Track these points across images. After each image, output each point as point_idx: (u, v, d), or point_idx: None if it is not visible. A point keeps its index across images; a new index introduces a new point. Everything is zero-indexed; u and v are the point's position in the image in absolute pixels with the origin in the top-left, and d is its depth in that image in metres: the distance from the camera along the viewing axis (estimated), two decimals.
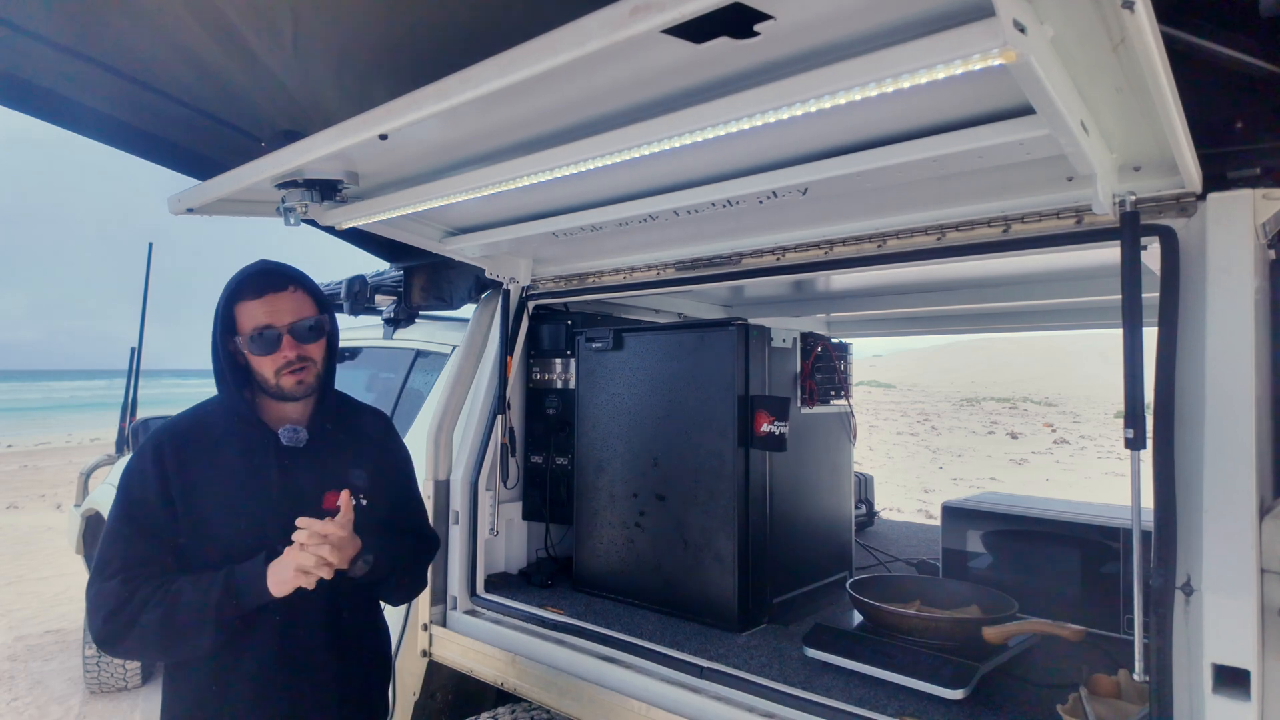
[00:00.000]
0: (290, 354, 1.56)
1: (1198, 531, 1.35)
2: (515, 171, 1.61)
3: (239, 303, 1.57)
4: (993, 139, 1.35)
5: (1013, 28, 0.92)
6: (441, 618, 2.57)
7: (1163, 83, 1.09)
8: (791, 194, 1.84)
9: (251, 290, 1.57)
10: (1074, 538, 2.25)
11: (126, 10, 1.68)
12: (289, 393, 1.59)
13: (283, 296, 1.58)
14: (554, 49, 1.05)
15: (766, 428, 2.22)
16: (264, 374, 1.58)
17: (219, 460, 1.57)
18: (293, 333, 1.57)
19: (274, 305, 1.57)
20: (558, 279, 2.68)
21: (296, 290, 1.60)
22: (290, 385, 1.58)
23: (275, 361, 1.56)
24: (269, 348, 1.55)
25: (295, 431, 1.61)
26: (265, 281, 1.58)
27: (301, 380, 1.59)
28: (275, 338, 1.55)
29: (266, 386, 1.59)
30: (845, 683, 1.83)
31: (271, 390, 1.59)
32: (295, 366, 1.58)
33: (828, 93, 1.15)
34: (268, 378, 1.58)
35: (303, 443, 1.62)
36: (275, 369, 1.57)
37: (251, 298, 1.56)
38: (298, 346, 1.58)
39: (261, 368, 1.57)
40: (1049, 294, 2.73)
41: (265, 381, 1.59)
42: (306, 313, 1.60)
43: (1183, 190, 1.44)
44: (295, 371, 1.58)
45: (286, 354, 1.56)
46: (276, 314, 1.56)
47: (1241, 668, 1.28)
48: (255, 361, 1.58)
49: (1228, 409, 1.36)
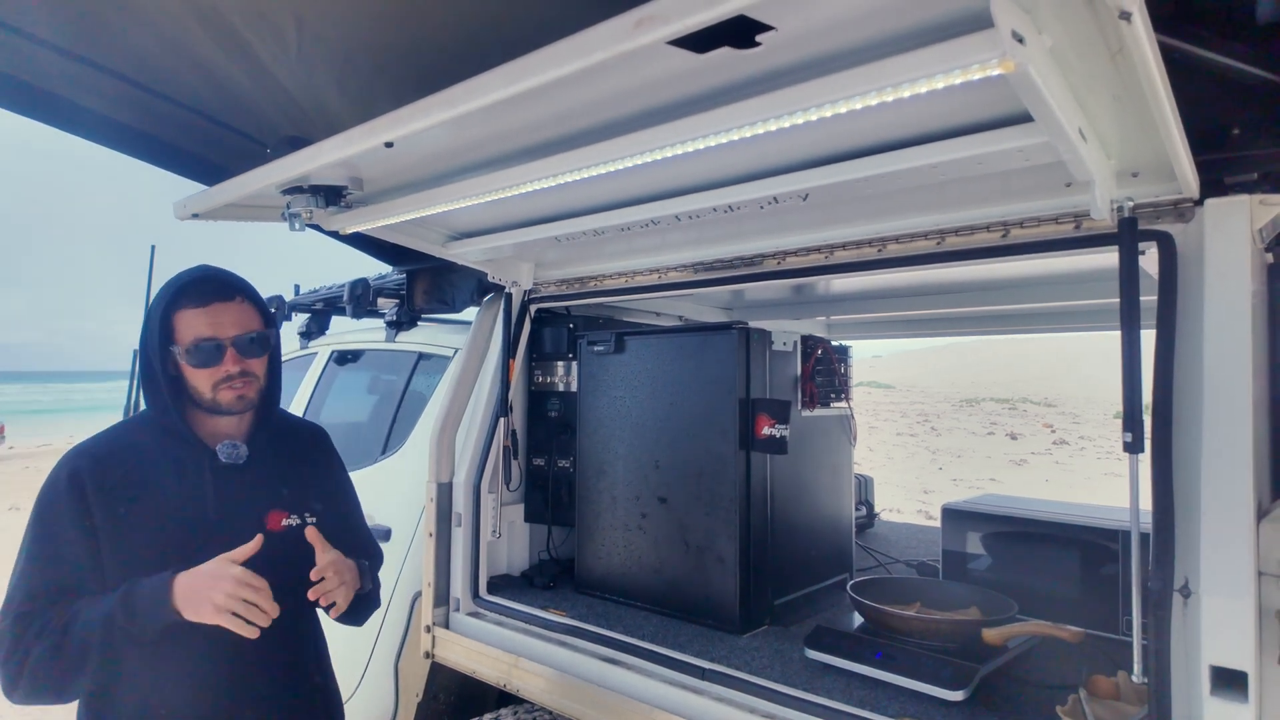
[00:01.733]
0: (233, 368, 1.47)
1: (1195, 534, 1.36)
2: (519, 178, 1.62)
3: (179, 310, 1.46)
4: (992, 146, 1.36)
5: (1011, 38, 0.94)
6: (444, 619, 2.59)
7: (1160, 91, 1.10)
8: (792, 199, 1.86)
9: (195, 298, 1.47)
10: (1073, 539, 2.26)
11: (133, 16, 1.69)
12: (226, 407, 1.49)
13: (229, 307, 1.49)
14: (559, 60, 1.06)
15: (767, 430, 2.24)
16: (199, 387, 1.48)
17: (148, 482, 1.45)
18: (236, 346, 1.48)
19: (218, 316, 1.47)
20: (560, 282, 2.70)
21: (243, 301, 1.51)
22: (229, 400, 1.49)
23: (214, 375, 1.47)
24: (209, 360, 1.46)
25: (234, 447, 1.52)
26: (210, 290, 1.48)
27: (242, 395, 1.50)
28: (217, 350, 1.46)
29: (200, 400, 1.49)
30: (846, 684, 1.84)
31: (206, 404, 1.49)
32: (236, 382, 1.48)
33: (828, 101, 1.16)
34: (203, 391, 1.48)
35: (242, 459, 1.52)
36: (213, 382, 1.47)
37: (194, 305, 1.46)
38: (241, 361, 1.48)
39: (197, 380, 1.47)
40: (1048, 297, 2.74)
41: (199, 395, 1.48)
42: (252, 325, 1.51)
43: (1180, 196, 1.46)
44: (235, 386, 1.49)
45: (229, 368, 1.47)
46: (220, 325, 1.47)
47: (1239, 669, 1.30)
48: (191, 374, 1.47)
49: (1225, 412, 1.37)
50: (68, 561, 1.39)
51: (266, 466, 1.58)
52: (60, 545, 1.39)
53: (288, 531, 1.55)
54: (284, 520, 1.56)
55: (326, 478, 1.73)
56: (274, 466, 1.59)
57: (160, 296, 1.49)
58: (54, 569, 1.39)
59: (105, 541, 1.40)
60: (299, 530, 1.53)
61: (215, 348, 1.47)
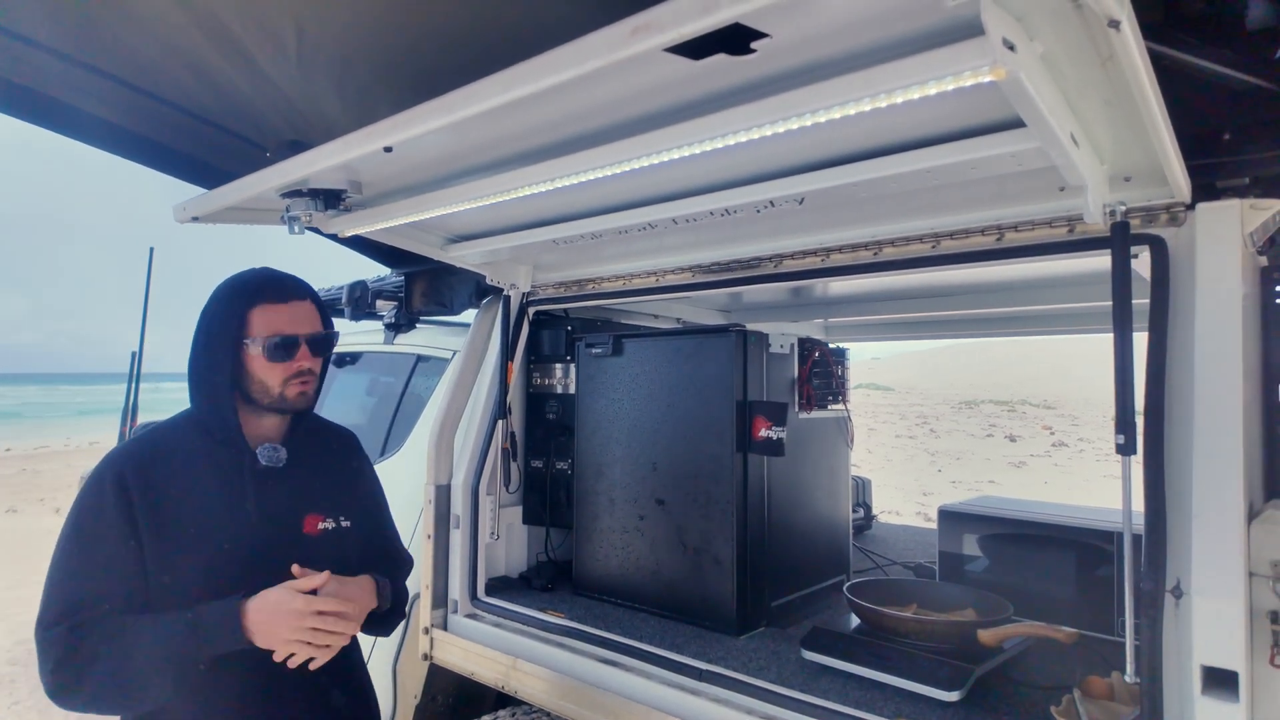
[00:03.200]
0: (305, 364, 1.53)
1: (1187, 535, 1.38)
2: (517, 182, 1.63)
3: (258, 305, 1.51)
4: (985, 151, 1.37)
5: (1002, 46, 0.95)
6: (442, 621, 2.59)
7: (1150, 97, 1.12)
8: (789, 203, 1.87)
9: (274, 295, 1.52)
10: (1068, 541, 2.28)
11: (132, 22, 1.70)
12: (290, 403, 1.53)
13: (303, 306, 1.55)
14: (556, 67, 1.08)
15: (764, 433, 2.25)
16: (268, 381, 1.51)
17: (189, 484, 1.46)
18: (309, 343, 1.54)
19: (295, 314, 1.53)
20: (558, 285, 2.71)
21: (311, 303, 1.58)
22: (294, 395, 1.53)
23: (287, 370, 1.51)
24: (285, 355, 1.50)
25: (275, 450, 1.54)
26: (287, 289, 1.54)
27: (304, 392, 1.55)
28: (293, 345, 1.51)
29: (266, 394, 1.52)
30: (843, 685, 1.85)
31: (270, 399, 1.52)
32: (306, 377, 1.54)
33: (823, 107, 1.17)
34: (272, 386, 1.51)
35: (282, 463, 1.54)
36: (285, 377, 1.51)
37: (274, 302, 1.52)
38: (310, 358, 1.54)
39: (268, 375, 1.51)
40: (1043, 300, 2.76)
41: (266, 390, 1.51)
42: (319, 326, 1.58)
43: (1172, 200, 1.47)
44: (303, 382, 1.54)
45: (301, 363, 1.52)
46: (297, 323, 1.53)
47: (1230, 669, 1.31)
48: (263, 368, 1.50)
49: (1217, 414, 1.39)
50: (115, 569, 1.37)
51: (302, 470, 1.59)
52: (106, 551, 1.37)
53: (324, 535, 1.57)
54: (320, 524, 1.57)
55: (359, 482, 1.74)
56: (309, 470, 1.61)
57: (234, 293, 1.52)
58: (102, 576, 1.37)
59: (149, 546, 1.39)
60: (334, 534, 1.57)
61: (293, 343, 1.51)
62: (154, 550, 1.39)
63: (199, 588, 1.39)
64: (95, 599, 1.35)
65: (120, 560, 1.37)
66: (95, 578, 1.37)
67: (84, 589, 1.36)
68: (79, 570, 1.37)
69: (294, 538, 1.52)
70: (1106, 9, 0.91)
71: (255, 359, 1.50)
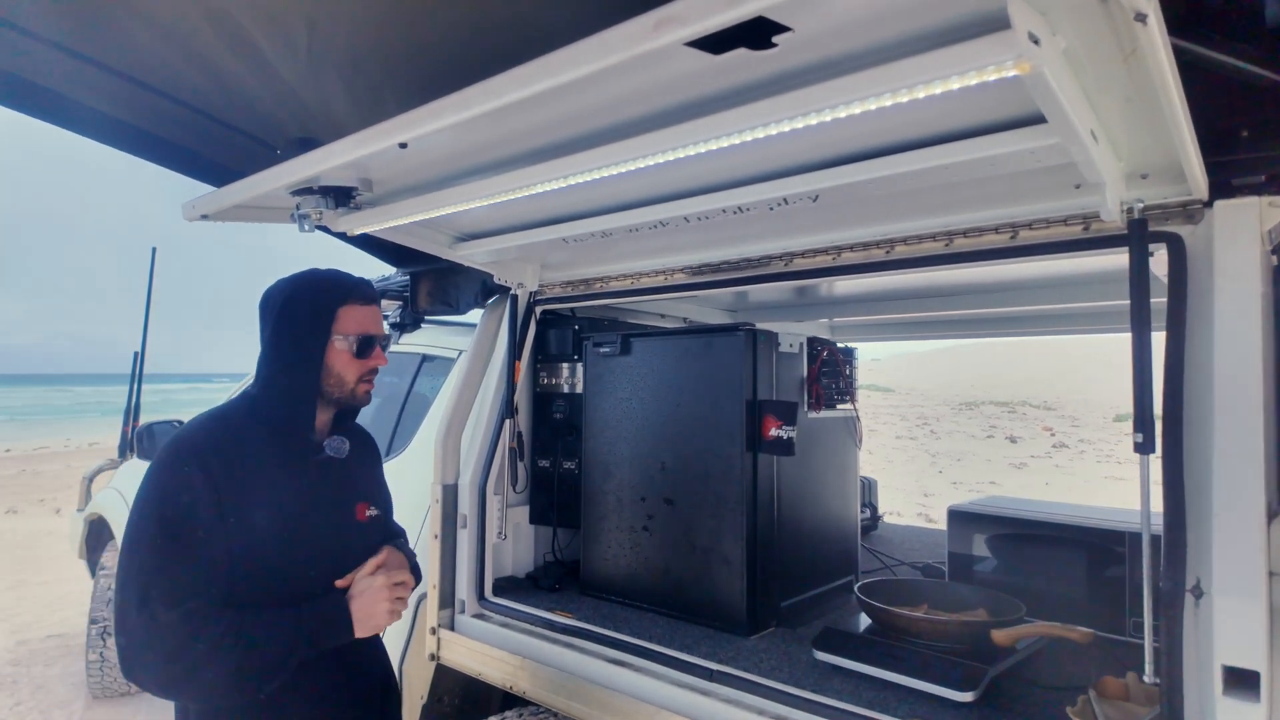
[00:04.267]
0: (380, 362, 1.64)
1: (1207, 535, 1.37)
2: (530, 179, 1.62)
3: (348, 304, 1.59)
4: (1003, 147, 1.36)
5: (1027, 40, 0.94)
6: (449, 621, 2.58)
7: (1172, 93, 1.11)
8: (802, 200, 1.86)
9: (361, 296, 1.62)
10: (1079, 541, 2.27)
11: (141, 17, 1.70)
12: (359, 399, 1.64)
13: (378, 310, 1.66)
14: (578, 61, 1.07)
15: (775, 432, 2.24)
16: (345, 376, 1.59)
17: (261, 470, 1.51)
18: (382, 345, 1.65)
19: (375, 316, 1.64)
20: (565, 284, 2.70)
21: (379, 308, 1.68)
22: (363, 391, 1.63)
23: (364, 367, 1.61)
24: (368, 352, 1.61)
25: (341, 442, 1.62)
26: (370, 292, 1.64)
27: (369, 389, 1.65)
28: (374, 344, 1.62)
29: (340, 389, 1.60)
30: (855, 686, 1.84)
31: (343, 393, 1.61)
32: (372, 376, 1.64)
33: (843, 102, 1.16)
34: (348, 381, 1.60)
35: (344, 454, 1.63)
36: (360, 374, 1.61)
37: (363, 303, 1.61)
38: (382, 357, 1.65)
39: (346, 370, 1.59)
40: (1056, 299, 2.75)
41: (342, 384, 1.60)
42: (384, 329, 1.68)
43: (1190, 198, 1.46)
44: (371, 379, 1.64)
45: (377, 362, 1.63)
46: (377, 324, 1.64)
47: (1251, 669, 1.30)
48: (344, 364, 1.59)
49: (1236, 413, 1.38)
50: (210, 552, 1.39)
51: (350, 461, 1.68)
52: (200, 534, 1.38)
53: (370, 521, 1.69)
54: (368, 511, 1.69)
55: (379, 474, 1.86)
56: (354, 461, 1.70)
57: (324, 291, 1.58)
58: (203, 561, 1.38)
59: (234, 520, 1.42)
60: (376, 521, 1.71)
61: (374, 342, 1.62)
62: (238, 533, 1.42)
63: (275, 570, 1.46)
64: (202, 584, 1.36)
65: (212, 543, 1.39)
66: (196, 562, 1.37)
67: (190, 574, 1.36)
68: (177, 554, 1.36)
69: (350, 523, 1.64)
70: (1134, 2, 0.90)
71: (340, 354, 1.59)
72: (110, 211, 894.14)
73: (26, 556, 8.13)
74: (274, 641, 1.38)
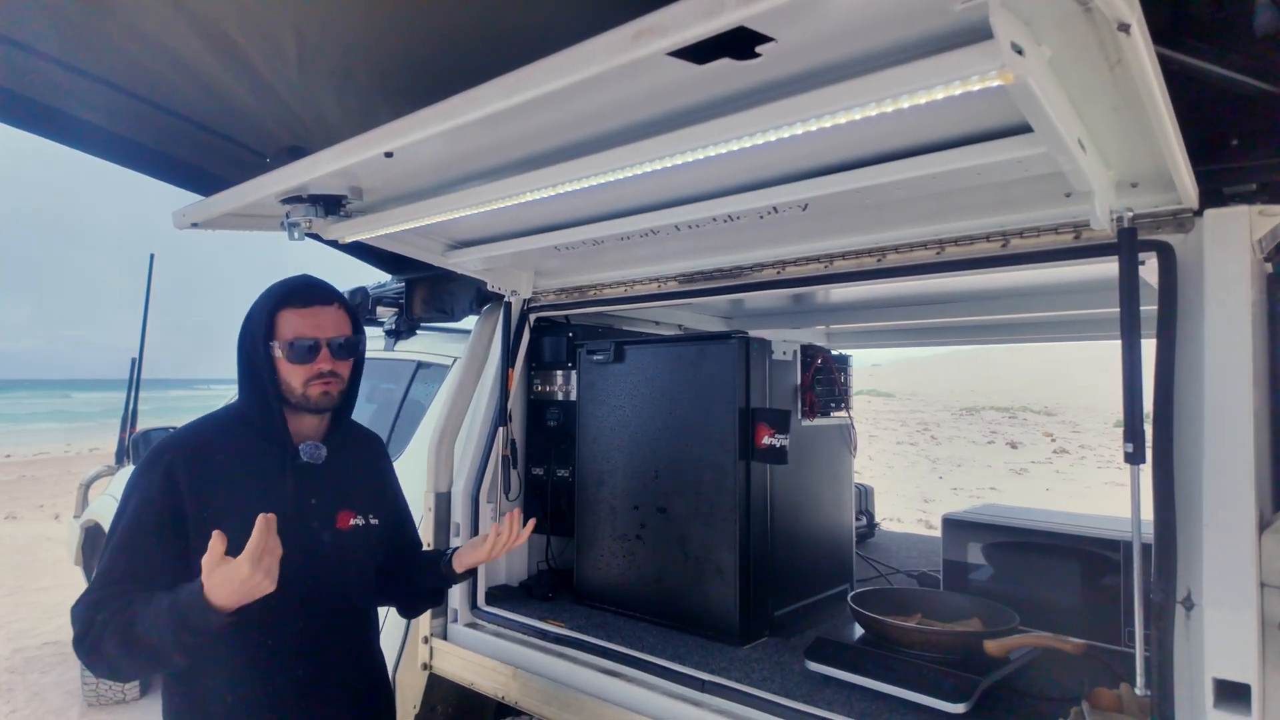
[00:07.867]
0: (324, 366, 1.59)
1: (1198, 546, 1.36)
2: (518, 188, 1.62)
3: (283, 310, 1.59)
4: (991, 157, 1.36)
5: (1010, 50, 0.94)
6: (442, 630, 2.57)
7: (1159, 102, 1.11)
8: (792, 209, 1.86)
9: (298, 300, 1.60)
10: (1074, 550, 2.25)
11: (130, 29, 1.69)
12: (314, 403, 1.60)
13: (327, 311, 1.62)
14: (559, 71, 1.07)
15: (768, 440, 2.23)
16: (291, 382, 1.59)
17: (234, 476, 1.55)
18: (330, 346, 1.60)
19: (317, 318, 1.60)
20: (559, 291, 2.69)
21: (339, 308, 1.64)
22: (316, 395, 1.60)
23: (308, 371, 1.58)
24: (305, 357, 1.58)
25: (316, 448, 1.61)
26: (311, 294, 1.62)
27: (327, 392, 1.61)
28: (313, 348, 1.58)
29: (291, 396, 1.60)
30: (847, 696, 1.83)
31: (295, 400, 1.60)
32: (327, 379, 1.60)
33: (828, 112, 1.16)
34: (295, 386, 1.59)
35: (322, 459, 1.62)
36: (305, 379, 1.59)
37: (297, 306, 1.59)
38: (332, 361, 1.61)
39: (291, 376, 1.59)
40: (1047, 306, 2.74)
41: (290, 390, 1.59)
42: (344, 331, 1.64)
43: (1180, 206, 1.46)
44: (324, 384, 1.60)
45: (321, 365, 1.59)
46: (319, 326, 1.60)
47: (1242, 682, 1.29)
48: (286, 369, 1.58)
49: (1226, 423, 1.37)
50: (155, 555, 1.46)
51: (338, 468, 1.67)
52: (150, 537, 1.46)
53: (355, 531, 1.67)
54: (352, 520, 1.67)
55: (387, 484, 1.86)
56: (345, 468, 1.70)
57: (266, 297, 1.61)
58: (141, 559, 1.45)
59: (195, 535, 1.45)
60: (364, 530, 1.68)
61: (312, 346, 1.58)
62: (199, 538, 1.41)
63: None
64: (120, 577, 1.43)
65: (163, 547, 1.45)
66: (136, 561, 1.45)
67: (120, 569, 1.44)
68: (123, 555, 1.46)
69: (329, 531, 1.62)
70: (1117, 12, 0.90)
71: (279, 360, 1.59)
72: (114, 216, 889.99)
73: (24, 562, 8.12)
74: (149, 618, 1.36)
